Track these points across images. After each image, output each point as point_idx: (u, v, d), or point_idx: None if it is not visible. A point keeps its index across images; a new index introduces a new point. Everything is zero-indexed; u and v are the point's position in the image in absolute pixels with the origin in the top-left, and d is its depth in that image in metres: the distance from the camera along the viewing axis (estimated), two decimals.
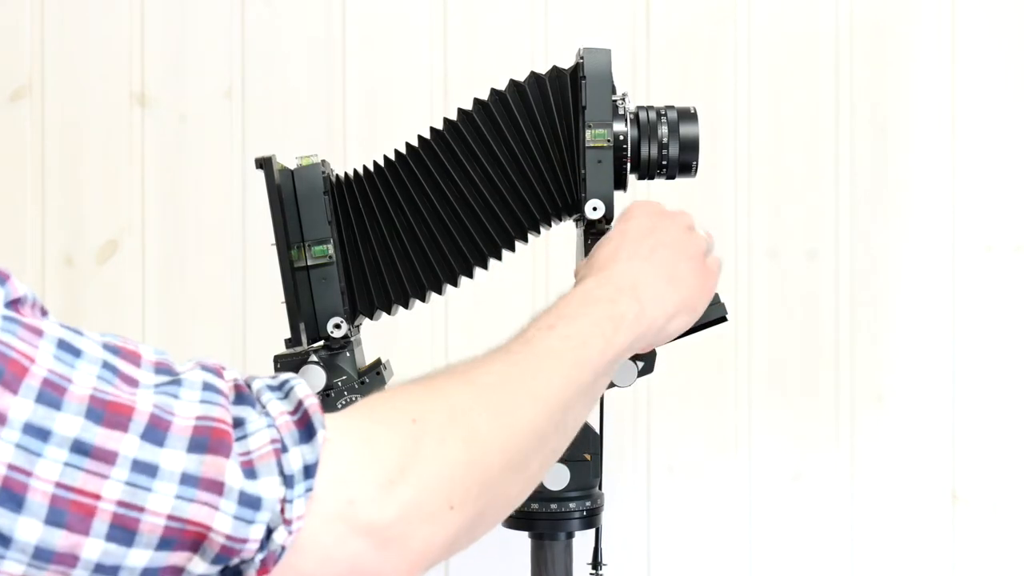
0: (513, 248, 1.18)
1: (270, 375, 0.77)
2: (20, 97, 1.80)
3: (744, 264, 1.80)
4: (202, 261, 1.80)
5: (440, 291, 1.19)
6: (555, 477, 1.17)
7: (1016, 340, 1.80)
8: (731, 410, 1.81)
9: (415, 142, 1.18)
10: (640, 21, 1.81)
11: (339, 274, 1.16)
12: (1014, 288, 1.80)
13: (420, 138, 1.18)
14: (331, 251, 1.15)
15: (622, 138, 1.13)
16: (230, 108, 1.80)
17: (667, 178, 1.17)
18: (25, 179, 1.80)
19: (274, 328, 1.21)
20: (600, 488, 1.21)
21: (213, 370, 0.74)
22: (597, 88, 1.13)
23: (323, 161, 1.17)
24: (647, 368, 1.13)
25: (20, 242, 1.80)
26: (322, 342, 1.17)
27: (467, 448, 0.80)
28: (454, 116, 1.17)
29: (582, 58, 1.14)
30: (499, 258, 1.19)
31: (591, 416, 1.12)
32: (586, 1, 1.81)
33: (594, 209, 1.11)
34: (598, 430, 1.18)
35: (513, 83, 1.16)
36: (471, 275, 1.19)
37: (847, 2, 1.80)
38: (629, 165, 1.14)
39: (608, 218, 1.12)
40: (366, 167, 1.19)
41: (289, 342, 1.16)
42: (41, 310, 0.72)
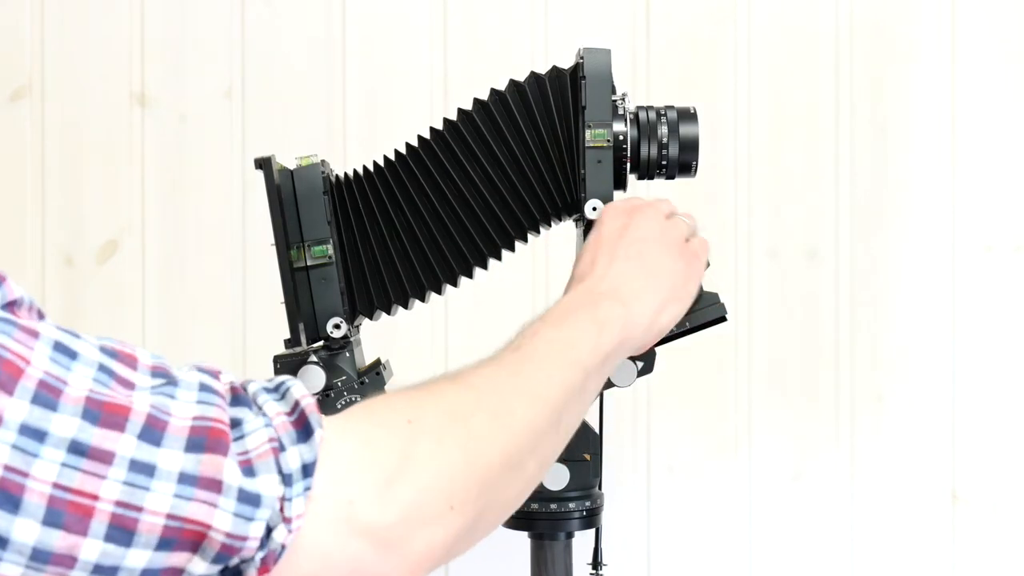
0: (513, 248, 1.18)
1: (266, 378, 0.77)
2: (20, 97, 1.80)
3: (744, 264, 1.80)
4: (202, 261, 1.80)
5: (440, 291, 1.19)
6: (555, 477, 1.16)
7: (1016, 340, 1.80)
8: (731, 410, 1.81)
9: (415, 142, 1.18)
10: (640, 21, 1.80)
11: (339, 274, 1.16)
12: (1014, 288, 1.80)
13: (420, 138, 1.18)
14: (331, 251, 1.15)
15: (622, 138, 1.13)
16: (230, 108, 1.80)
17: (667, 178, 1.17)
18: (25, 179, 1.80)
19: (274, 328, 1.21)
20: (600, 488, 1.21)
21: (209, 372, 0.74)
22: (597, 88, 1.13)
23: (323, 161, 1.17)
24: (647, 368, 1.13)
25: (20, 242, 1.80)
26: (322, 342, 1.16)
27: (465, 448, 0.80)
28: (454, 116, 1.17)
29: (582, 58, 1.14)
30: (499, 258, 1.18)
31: (591, 416, 1.12)
32: (586, 1, 1.81)
33: (594, 209, 1.11)
34: (598, 430, 1.18)
35: (513, 83, 1.16)
36: (471, 275, 1.19)
37: (847, 2, 1.80)
38: (629, 165, 1.14)
39: None
40: (366, 167, 1.19)
41: (289, 342, 1.16)
42: (38, 313, 0.72)
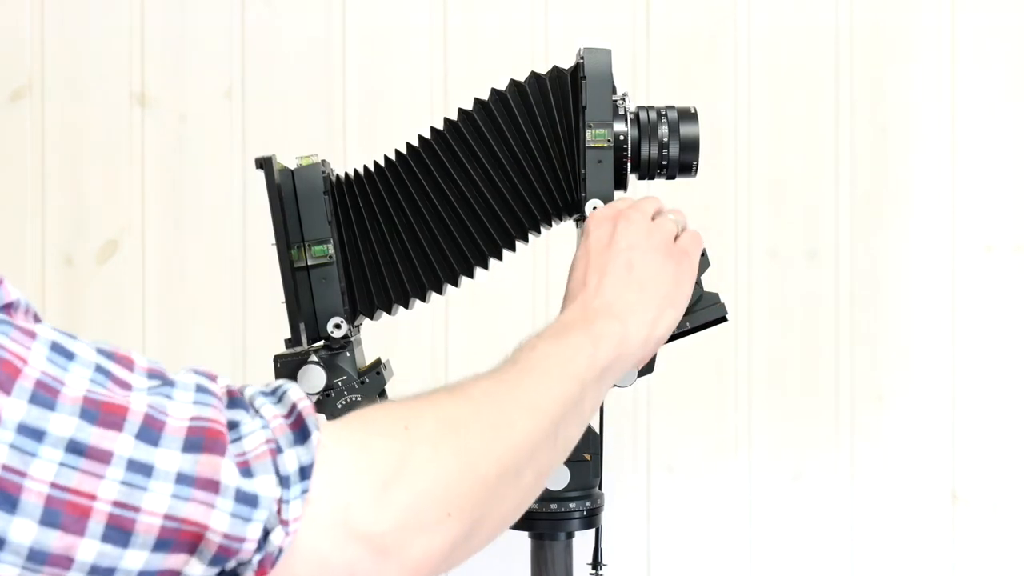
0: (513, 248, 1.18)
1: (263, 383, 0.77)
2: (20, 97, 1.80)
3: (744, 264, 1.80)
4: (202, 261, 1.80)
5: (441, 291, 1.19)
6: (555, 477, 1.16)
7: (1016, 340, 1.80)
8: (731, 410, 1.81)
9: (415, 142, 1.18)
10: (640, 21, 1.80)
11: (339, 274, 1.16)
12: (1014, 288, 1.79)
13: (420, 138, 1.18)
14: (331, 251, 1.15)
15: (622, 138, 1.13)
16: (230, 108, 1.80)
17: (667, 178, 1.17)
18: (25, 179, 1.80)
19: (274, 328, 1.21)
20: (600, 488, 1.21)
21: (205, 375, 0.74)
22: (597, 88, 1.13)
23: (323, 161, 1.17)
24: (647, 368, 1.12)
25: (20, 242, 1.80)
26: (322, 342, 1.16)
27: (462, 456, 0.80)
28: (454, 116, 1.17)
29: (582, 58, 1.14)
30: (499, 258, 1.18)
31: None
32: (586, 1, 1.81)
33: (594, 209, 1.11)
34: (598, 430, 1.18)
35: (513, 83, 1.16)
36: (472, 275, 1.19)
37: (847, 2, 1.80)
38: (629, 165, 1.14)
39: None
40: (366, 167, 1.18)
41: (289, 342, 1.16)
42: (34, 316, 0.72)
